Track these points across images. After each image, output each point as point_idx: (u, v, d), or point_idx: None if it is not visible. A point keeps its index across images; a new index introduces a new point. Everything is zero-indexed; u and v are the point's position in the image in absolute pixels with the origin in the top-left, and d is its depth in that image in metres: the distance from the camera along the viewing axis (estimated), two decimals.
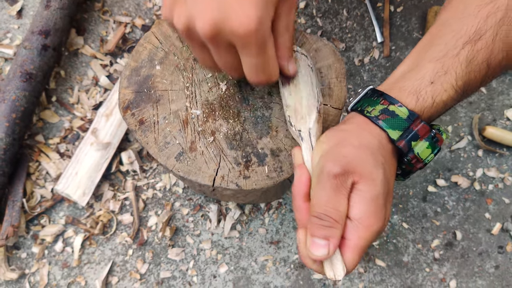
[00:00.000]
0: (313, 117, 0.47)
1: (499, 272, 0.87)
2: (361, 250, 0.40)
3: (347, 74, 0.93)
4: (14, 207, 0.81)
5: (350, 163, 0.40)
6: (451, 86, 0.43)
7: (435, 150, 0.44)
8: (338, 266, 0.40)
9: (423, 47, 0.46)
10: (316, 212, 0.40)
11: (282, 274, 0.85)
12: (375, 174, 0.40)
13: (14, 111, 0.79)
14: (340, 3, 0.96)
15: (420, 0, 0.96)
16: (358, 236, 0.40)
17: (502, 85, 0.93)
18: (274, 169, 0.54)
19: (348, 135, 0.43)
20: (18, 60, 0.81)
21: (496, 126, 0.91)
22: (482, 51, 0.43)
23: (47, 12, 0.83)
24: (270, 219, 0.87)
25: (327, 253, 0.39)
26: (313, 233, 0.40)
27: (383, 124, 0.43)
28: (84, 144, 0.85)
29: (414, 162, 0.44)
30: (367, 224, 0.39)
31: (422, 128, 0.43)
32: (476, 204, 0.89)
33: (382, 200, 0.40)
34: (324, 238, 0.39)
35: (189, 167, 0.53)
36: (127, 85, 0.56)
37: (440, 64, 0.43)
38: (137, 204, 0.86)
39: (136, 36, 0.93)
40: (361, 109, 0.45)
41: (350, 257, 0.40)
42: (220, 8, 0.36)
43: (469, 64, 0.43)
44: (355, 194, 0.40)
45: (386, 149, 0.43)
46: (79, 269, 0.84)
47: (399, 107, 0.43)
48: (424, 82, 0.43)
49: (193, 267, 0.85)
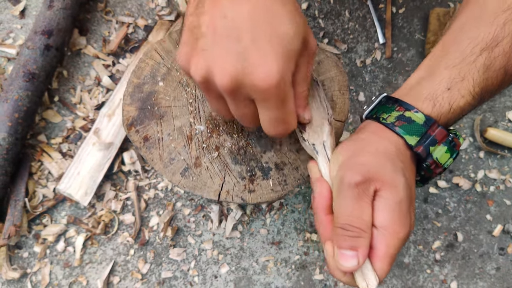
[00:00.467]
0: (325, 129, 0.46)
1: (500, 274, 0.87)
2: (390, 258, 0.39)
3: (349, 75, 0.93)
4: (16, 207, 0.82)
5: (370, 171, 0.39)
6: (469, 92, 0.43)
7: (454, 154, 0.44)
8: (370, 276, 0.39)
9: (438, 54, 0.46)
10: (340, 223, 0.39)
11: (283, 275, 0.85)
12: (397, 180, 0.39)
13: (16, 111, 0.79)
14: (342, 4, 0.96)
15: (422, 2, 0.96)
16: (386, 244, 0.39)
17: None
18: (279, 182, 0.54)
19: (364, 144, 0.42)
20: (21, 60, 0.81)
21: (497, 128, 0.91)
22: (499, 57, 0.43)
23: (50, 12, 0.83)
24: (271, 220, 0.87)
25: (357, 264, 0.38)
26: (340, 245, 0.39)
27: (400, 130, 0.42)
28: (86, 144, 0.85)
29: (433, 168, 0.44)
30: (393, 231, 0.39)
31: (440, 133, 0.42)
32: (477, 206, 0.89)
33: (405, 206, 0.39)
34: (352, 249, 0.38)
35: (194, 183, 0.53)
36: (130, 102, 0.56)
37: (456, 71, 0.43)
38: (138, 204, 0.86)
39: (139, 36, 0.93)
40: (376, 117, 0.45)
41: (380, 266, 0.39)
42: (240, 61, 0.34)
43: (486, 71, 0.43)
44: (378, 202, 0.39)
45: (404, 155, 0.42)
46: (80, 268, 0.84)
47: (415, 112, 0.42)
48: (441, 88, 0.43)
49: (195, 267, 0.85)
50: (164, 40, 0.57)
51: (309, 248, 0.86)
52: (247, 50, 0.34)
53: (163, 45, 0.57)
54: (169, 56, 0.57)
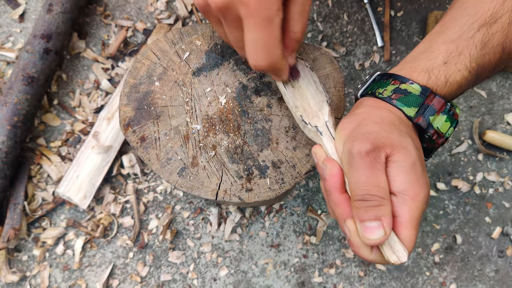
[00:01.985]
0: (325, 110, 0.47)
1: (499, 276, 0.87)
2: (415, 223, 0.37)
3: (347, 78, 0.93)
4: (16, 210, 0.82)
5: (377, 138, 0.38)
6: (465, 67, 0.43)
7: (454, 123, 0.43)
8: (399, 247, 0.37)
9: (436, 30, 0.46)
10: (359, 195, 0.37)
11: (282, 278, 0.85)
12: (405, 142, 0.38)
13: (16, 114, 0.79)
14: (340, 7, 0.96)
15: (421, 5, 0.97)
16: (409, 209, 0.37)
17: (502, 89, 0.93)
18: (276, 181, 0.54)
19: (365, 116, 0.42)
20: (20, 64, 0.82)
21: (496, 130, 0.91)
22: (497, 34, 0.43)
23: (49, 16, 0.84)
24: (270, 223, 0.87)
25: (384, 234, 0.36)
26: (362, 218, 0.37)
27: (397, 103, 0.42)
28: (85, 147, 0.85)
29: (435, 138, 0.43)
30: (413, 194, 0.37)
31: (438, 102, 0.42)
32: (476, 208, 0.89)
33: (420, 166, 0.38)
34: (376, 219, 0.36)
35: (191, 182, 0.53)
36: (127, 103, 0.56)
37: (454, 46, 0.43)
38: (138, 207, 0.86)
39: (138, 40, 0.94)
40: (371, 92, 0.45)
41: (407, 234, 0.37)
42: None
43: (484, 47, 0.43)
44: (392, 167, 0.38)
45: (407, 124, 0.42)
46: (79, 271, 0.84)
47: (411, 84, 0.42)
48: (437, 62, 0.43)
49: (194, 270, 0.85)
50: (160, 40, 0.58)
51: (308, 251, 0.86)
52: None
53: (159, 45, 0.58)
54: (165, 56, 0.57)
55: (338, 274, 0.86)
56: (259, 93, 0.56)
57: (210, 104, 0.56)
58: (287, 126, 0.55)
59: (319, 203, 0.88)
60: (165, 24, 0.93)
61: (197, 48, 0.57)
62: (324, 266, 0.86)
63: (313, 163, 0.55)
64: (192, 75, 0.57)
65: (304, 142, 0.55)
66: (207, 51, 0.57)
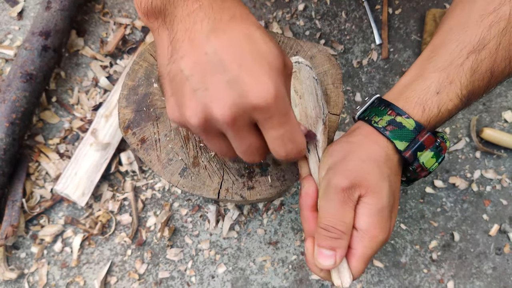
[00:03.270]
0: (319, 129, 0.47)
1: (497, 273, 0.87)
2: (366, 259, 0.42)
3: (345, 76, 0.94)
4: (14, 207, 0.82)
5: (357, 177, 0.41)
6: (456, 95, 0.44)
7: (439, 158, 0.45)
8: (345, 274, 0.42)
9: (427, 56, 0.47)
10: (323, 224, 0.41)
11: (280, 275, 0.85)
12: (381, 187, 0.41)
13: (14, 112, 0.79)
14: (338, 5, 0.96)
15: (418, 3, 0.97)
16: (364, 245, 0.41)
17: (500, 87, 0.94)
18: (277, 178, 0.54)
19: (355, 148, 0.44)
20: (18, 61, 0.82)
21: (493, 128, 0.91)
22: (486, 60, 0.43)
23: (47, 14, 0.84)
24: (268, 220, 0.88)
25: (333, 263, 0.41)
26: (320, 244, 0.41)
27: (390, 135, 0.43)
28: (83, 144, 0.85)
29: (419, 171, 0.45)
30: (372, 235, 0.41)
31: (428, 139, 0.44)
32: (474, 206, 0.89)
33: (387, 212, 0.42)
34: (331, 249, 0.41)
35: (193, 182, 0.54)
36: (126, 105, 0.56)
37: (445, 74, 0.44)
38: (136, 204, 0.86)
39: (136, 37, 0.94)
40: (368, 119, 0.46)
41: (356, 265, 0.42)
42: (234, 88, 0.33)
43: (473, 74, 0.44)
44: (361, 207, 0.41)
45: (392, 160, 0.44)
46: (78, 269, 0.84)
47: (406, 118, 0.43)
48: (430, 92, 0.44)
49: (192, 268, 0.85)
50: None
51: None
52: (238, 76, 0.33)
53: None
54: None
55: None
56: None
57: None
58: None
59: None
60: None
61: None
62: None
63: None
64: None
65: None
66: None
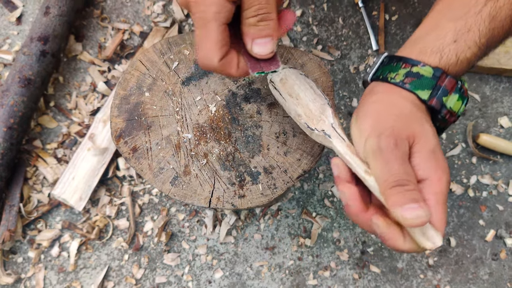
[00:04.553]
0: (328, 113, 0.47)
1: (493, 279, 0.87)
2: (443, 204, 0.39)
3: (342, 81, 0.94)
4: (11, 212, 0.82)
5: (400, 131, 0.40)
6: (475, 43, 0.43)
7: (465, 100, 0.44)
8: (432, 233, 0.38)
9: (440, 8, 0.46)
10: (393, 181, 0.38)
11: (277, 280, 0.85)
12: (425, 130, 0.41)
13: (12, 116, 0.80)
14: (335, 11, 0.97)
15: (415, 9, 0.97)
16: (434, 192, 0.39)
17: (496, 93, 0.94)
18: (268, 186, 0.54)
19: (383, 106, 0.43)
20: (17, 66, 0.82)
21: (490, 134, 0.92)
22: (505, 7, 0.43)
23: (46, 19, 0.84)
24: (265, 225, 0.88)
25: (425, 213, 0.36)
26: (400, 202, 0.37)
27: (411, 86, 0.43)
28: (81, 149, 0.85)
29: (448, 117, 0.44)
30: (437, 178, 0.39)
31: (449, 82, 0.43)
32: (470, 211, 0.90)
33: (439, 152, 0.41)
34: (414, 202, 0.36)
35: (184, 191, 0.54)
36: (117, 114, 0.56)
37: (462, 22, 0.43)
38: (133, 209, 0.87)
39: (134, 42, 0.94)
40: (383, 77, 0.45)
41: (437, 215, 0.38)
42: None
43: (492, 21, 0.43)
44: (415, 157, 0.40)
45: (421, 108, 0.43)
46: (75, 274, 0.84)
47: (423, 66, 0.43)
48: (447, 40, 0.43)
49: (189, 273, 0.85)
50: (149, 51, 0.58)
51: (303, 253, 0.87)
52: None
53: (148, 56, 0.58)
54: (154, 66, 0.58)
55: (333, 277, 0.86)
56: (249, 100, 0.57)
57: (201, 112, 0.56)
58: (278, 132, 0.56)
59: (313, 205, 0.89)
60: (162, 27, 0.94)
61: (185, 57, 0.58)
62: (319, 269, 0.86)
63: (304, 167, 0.55)
64: (182, 85, 0.57)
65: (294, 147, 0.56)
66: (196, 60, 0.58)
